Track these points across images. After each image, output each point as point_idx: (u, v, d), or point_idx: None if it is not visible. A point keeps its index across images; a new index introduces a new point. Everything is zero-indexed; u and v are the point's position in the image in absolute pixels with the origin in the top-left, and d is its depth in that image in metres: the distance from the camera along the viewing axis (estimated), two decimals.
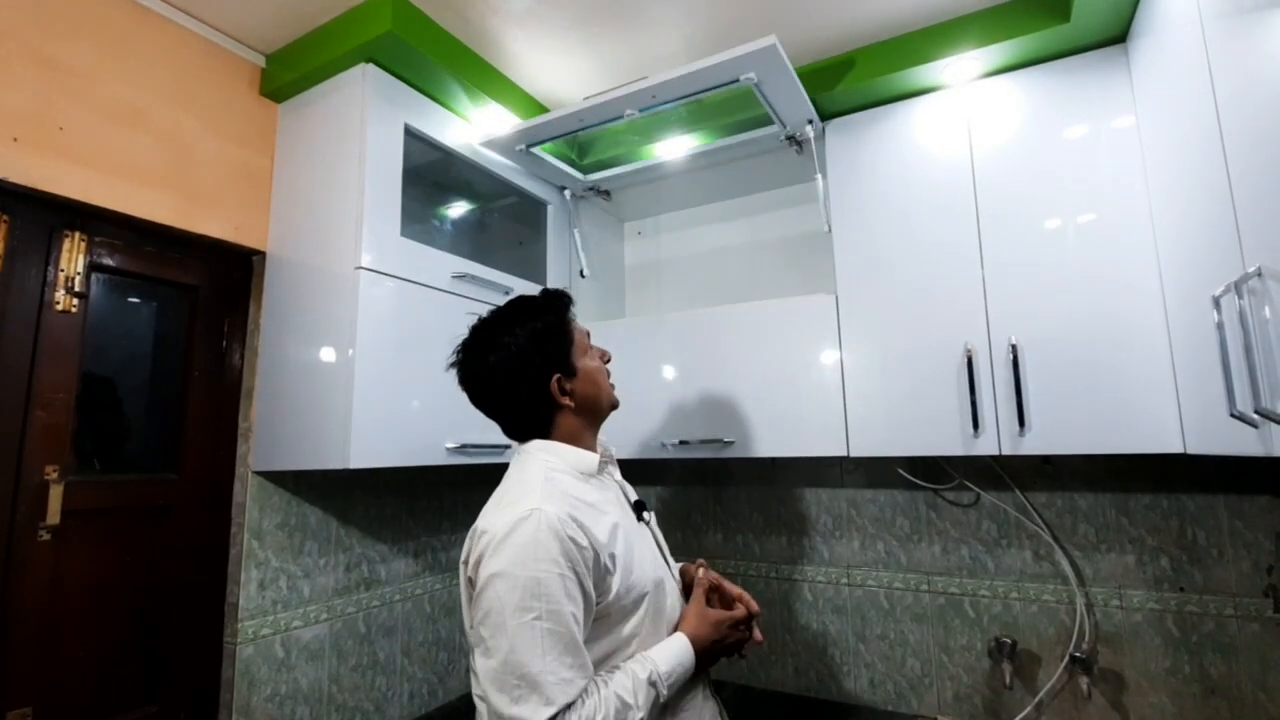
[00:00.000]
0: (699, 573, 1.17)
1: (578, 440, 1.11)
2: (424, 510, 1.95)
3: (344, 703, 1.66)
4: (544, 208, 2.04)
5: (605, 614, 0.97)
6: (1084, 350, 1.39)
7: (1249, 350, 0.88)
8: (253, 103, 1.63)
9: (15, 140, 1.22)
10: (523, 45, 1.64)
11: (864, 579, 1.89)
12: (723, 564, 2.10)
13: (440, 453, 1.54)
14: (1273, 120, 0.82)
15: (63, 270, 1.32)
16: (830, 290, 1.69)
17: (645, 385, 1.84)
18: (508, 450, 1.65)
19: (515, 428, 1.13)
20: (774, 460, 2.03)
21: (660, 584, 1.06)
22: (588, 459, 1.08)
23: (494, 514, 0.98)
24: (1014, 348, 1.44)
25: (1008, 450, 1.43)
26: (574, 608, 0.90)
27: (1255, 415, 0.86)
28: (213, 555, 1.51)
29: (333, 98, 1.56)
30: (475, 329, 1.13)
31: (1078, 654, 1.59)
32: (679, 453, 1.78)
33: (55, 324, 1.30)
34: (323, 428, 1.41)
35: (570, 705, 0.86)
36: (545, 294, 1.17)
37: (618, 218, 2.42)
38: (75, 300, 1.33)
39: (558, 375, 1.08)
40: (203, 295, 1.56)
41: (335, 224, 1.48)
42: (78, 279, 1.33)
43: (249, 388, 1.59)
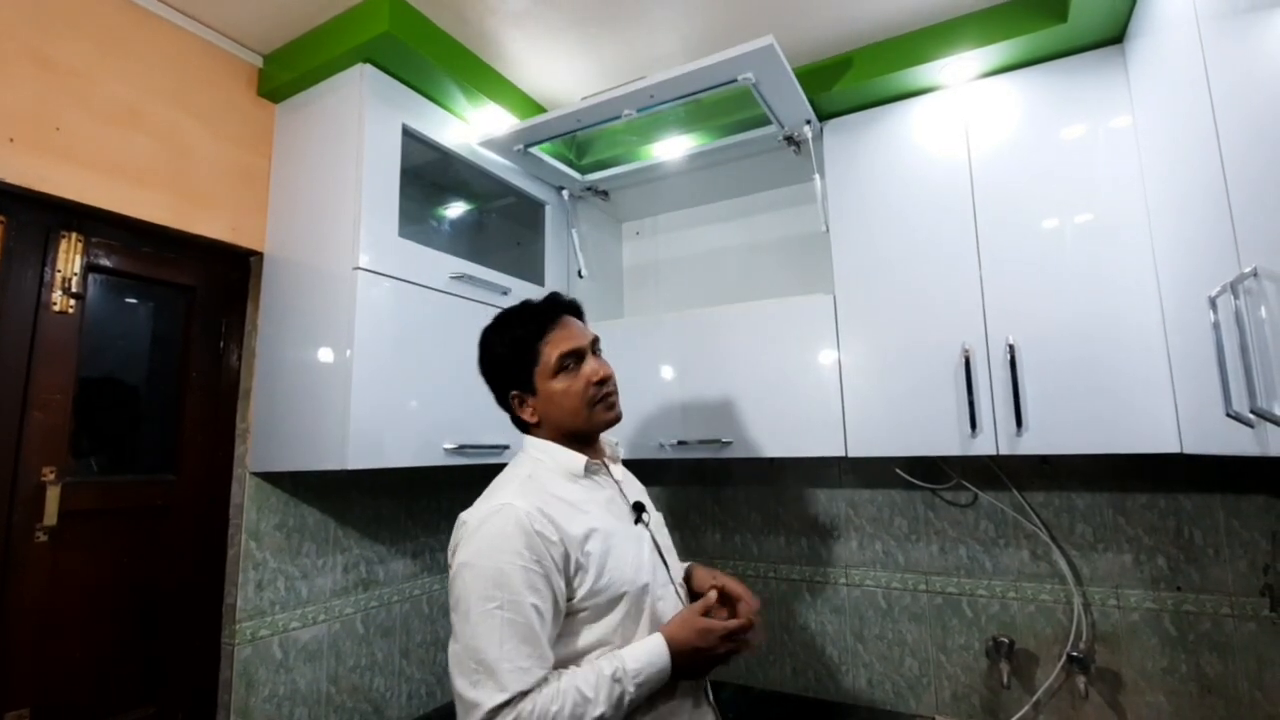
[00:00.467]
0: (707, 583, 1.15)
1: (564, 443, 1.13)
2: (422, 511, 1.94)
3: (342, 704, 1.66)
4: (542, 208, 2.04)
5: (579, 610, 0.99)
6: (1081, 350, 1.39)
7: (1245, 350, 0.88)
8: (250, 103, 1.63)
9: (11, 140, 1.21)
10: (521, 45, 1.64)
11: (862, 579, 1.90)
12: (721, 564, 2.10)
13: (438, 453, 1.54)
14: (1268, 121, 0.82)
15: (59, 271, 1.31)
16: (828, 290, 1.69)
17: (643, 386, 1.84)
18: (505, 451, 1.65)
19: (514, 423, 1.19)
20: (772, 460, 2.03)
21: (646, 588, 1.05)
22: (574, 461, 1.11)
23: (475, 507, 1.03)
24: (1011, 347, 1.44)
25: (1005, 450, 1.43)
26: (535, 599, 0.93)
27: (1251, 415, 0.87)
28: (210, 556, 1.51)
29: (330, 98, 1.56)
30: (484, 329, 1.20)
31: (1075, 653, 1.59)
32: (677, 453, 1.78)
33: (52, 325, 1.30)
34: (320, 428, 1.41)
35: (525, 693, 0.89)
36: (542, 302, 1.18)
37: (616, 218, 2.42)
38: (72, 301, 1.33)
39: (515, 392, 1.14)
40: (200, 296, 1.55)
41: (333, 224, 1.48)
42: (74, 280, 1.33)
43: (246, 388, 1.59)
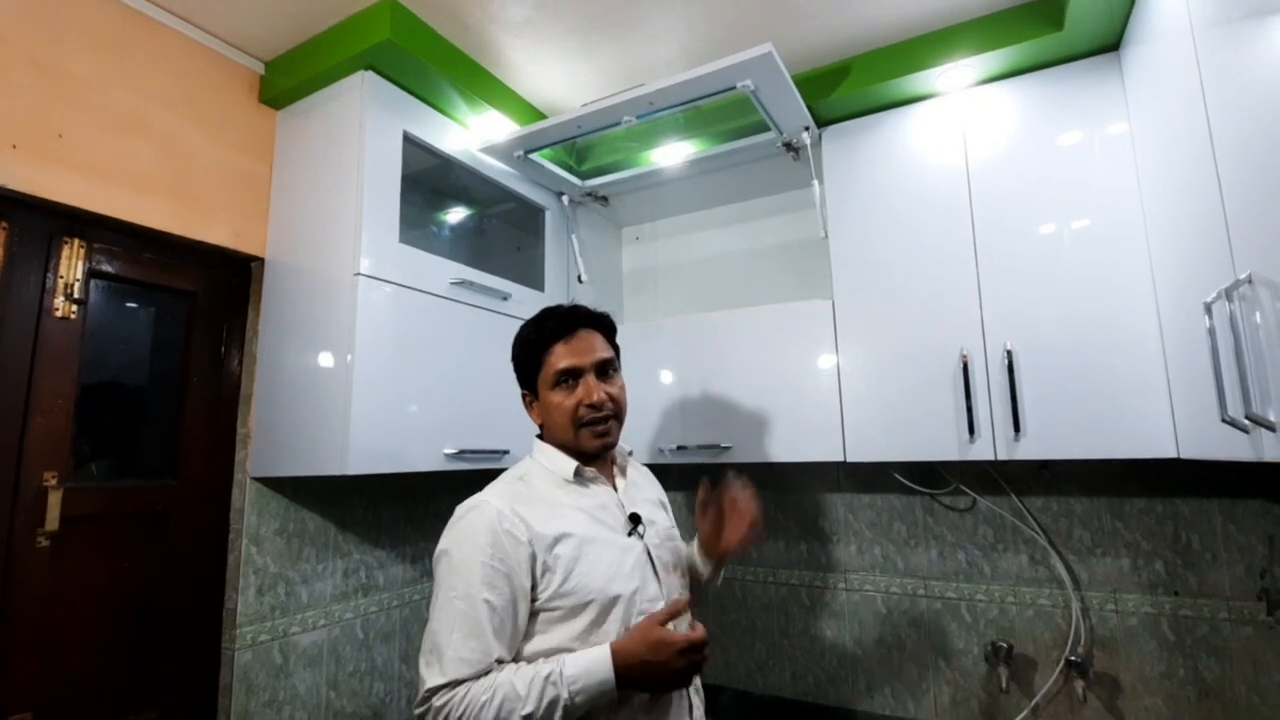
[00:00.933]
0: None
1: (566, 449, 1.16)
2: (422, 516, 1.95)
3: (342, 709, 1.66)
4: (542, 213, 2.04)
5: (544, 610, 1.01)
6: (1078, 355, 1.40)
7: (1240, 356, 0.88)
8: (252, 110, 1.64)
9: (15, 147, 1.22)
10: (521, 53, 1.65)
11: (861, 584, 1.90)
12: None
13: (438, 458, 1.54)
14: (1262, 128, 0.83)
15: (62, 277, 1.32)
16: (827, 296, 1.70)
17: (643, 390, 1.85)
18: (505, 456, 1.66)
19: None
20: (771, 465, 2.03)
21: (619, 598, 1.03)
22: (564, 465, 1.14)
23: (469, 499, 1.08)
24: (1009, 353, 1.45)
25: (1003, 455, 1.44)
26: (490, 595, 0.97)
27: (1246, 420, 0.87)
28: (211, 561, 1.51)
29: (332, 105, 1.56)
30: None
31: (1073, 658, 1.59)
32: (677, 458, 1.78)
33: (54, 331, 1.30)
34: (321, 434, 1.41)
35: (461, 681, 0.94)
36: (566, 310, 1.20)
37: (615, 223, 2.43)
38: (74, 307, 1.33)
39: (525, 392, 1.21)
40: (201, 301, 1.56)
41: (334, 230, 1.49)
42: (77, 286, 1.33)
43: (247, 394, 1.59)
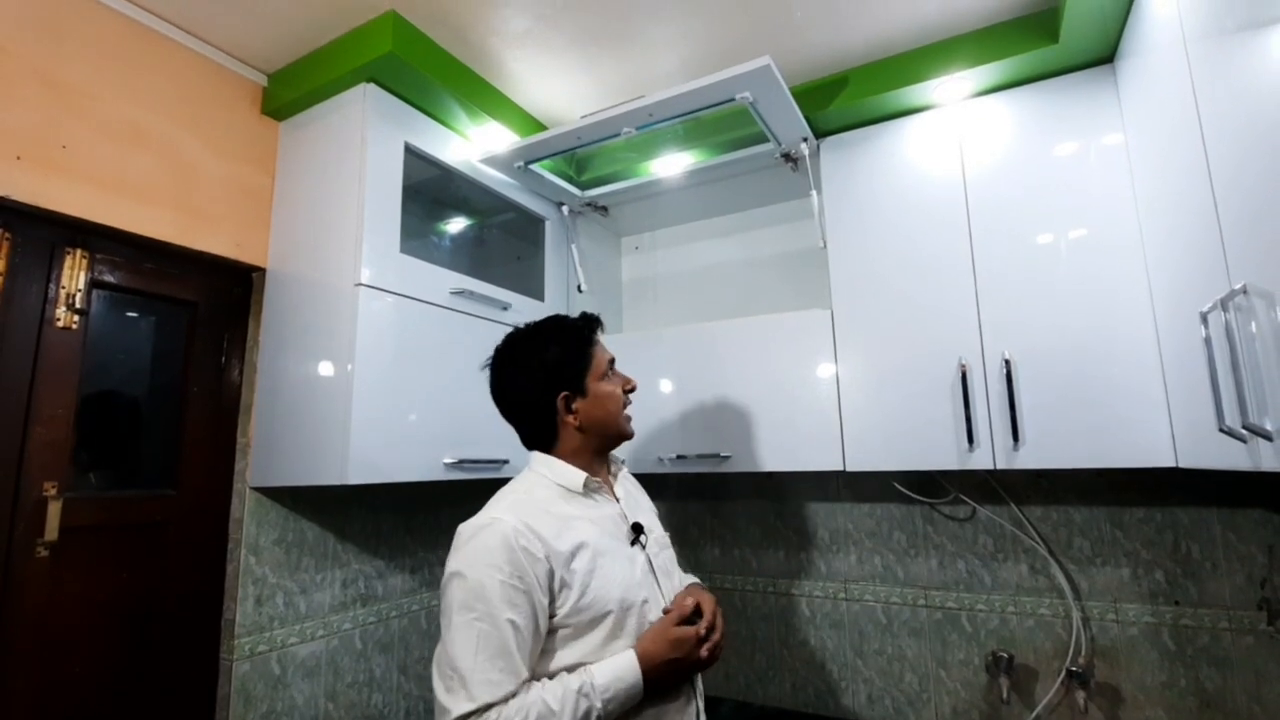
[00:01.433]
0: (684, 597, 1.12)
1: (578, 458, 1.14)
2: (421, 526, 1.94)
3: None
4: (542, 223, 2.05)
5: (561, 627, 0.99)
6: (1076, 364, 1.41)
7: (1236, 366, 0.89)
8: (254, 121, 1.65)
9: (18, 158, 1.23)
10: (522, 65, 1.67)
11: (861, 593, 1.90)
12: (720, 578, 2.10)
13: (438, 468, 1.55)
14: (1256, 138, 0.84)
15: (64, 287, 1.32)
16: (825, 305, 1.70)
17: (642, 400, 1.82)
18: (505, 465, 1.66)
19: (527, 436, 1.20)
20: (771, 474, 2.03)
21: (633, 607, 1.04)
22: (573, 477, 1.12)
23: (472, 518, 1.05)
24: (1007, 362, 1.45)
25: (1002, 464, 1.44)
26: (512, 614, 0.94)
27: (1243, 430, 0.88)
28: (210, 571, 1.51)
29: (334, 116, 1.57)
30: (508, 336, 1.21)
31: (1074, 668, 1.59)
32: (676, 467, 1.78)
33: (55, 341, 1.30)
34: (321, 444, 1.42)
35: (491, 705, 0.91)
36: (580, 316, 1.22)
37: (615, 233, 2.44)
38: (76, 317, 1.33)
39: (565, 393, 1.14)
40: (202, 311, 1.56)
41: (335, 241, 1.50)
42: (79, 296, 1.34)
43: (247, 404, 1.59)
